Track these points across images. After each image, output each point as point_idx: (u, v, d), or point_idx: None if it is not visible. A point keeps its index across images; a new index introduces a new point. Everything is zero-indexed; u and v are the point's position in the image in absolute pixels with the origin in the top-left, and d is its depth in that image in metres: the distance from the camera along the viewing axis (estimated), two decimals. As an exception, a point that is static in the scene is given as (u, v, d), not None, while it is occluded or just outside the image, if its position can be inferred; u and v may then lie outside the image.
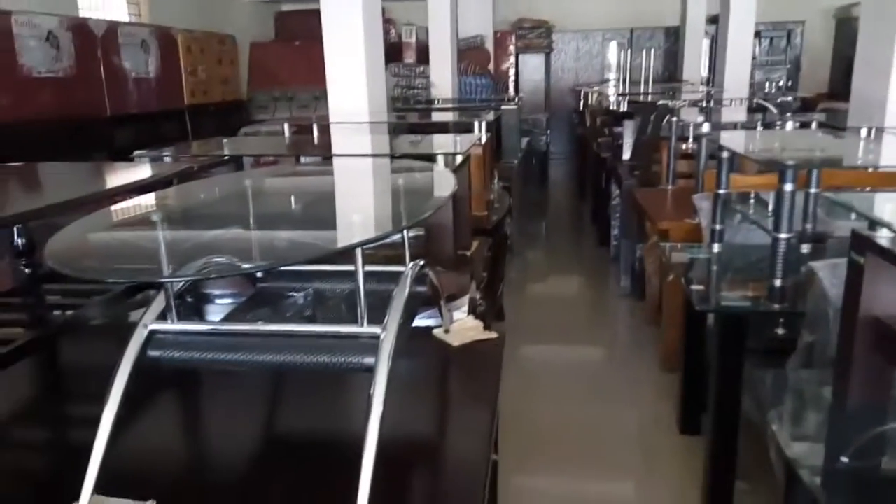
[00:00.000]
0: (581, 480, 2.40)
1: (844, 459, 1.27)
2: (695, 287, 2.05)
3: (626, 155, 4.49)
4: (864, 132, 2.52)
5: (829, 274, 1.48)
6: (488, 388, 1.33)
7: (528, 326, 3.76)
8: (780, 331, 1.94)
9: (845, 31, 8.55)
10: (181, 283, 1.12)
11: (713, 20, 7.40)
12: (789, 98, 4.75)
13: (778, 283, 1.90)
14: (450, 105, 5.17)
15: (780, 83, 8.25)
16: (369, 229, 1.15)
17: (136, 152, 2.31)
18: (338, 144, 2.62)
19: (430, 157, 1.94)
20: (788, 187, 1.85)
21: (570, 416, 2.82)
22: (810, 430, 1.45)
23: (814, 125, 3.25)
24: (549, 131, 8.64)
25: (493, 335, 1.53)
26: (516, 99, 6.42)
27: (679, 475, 2.33)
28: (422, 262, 1.31)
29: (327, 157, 2.36)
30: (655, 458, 2.50)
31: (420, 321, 1.57)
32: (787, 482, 1.46)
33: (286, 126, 2.81)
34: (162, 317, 1.09)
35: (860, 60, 3.00)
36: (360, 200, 1.50)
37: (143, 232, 1.25)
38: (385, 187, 1.65)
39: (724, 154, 2.29)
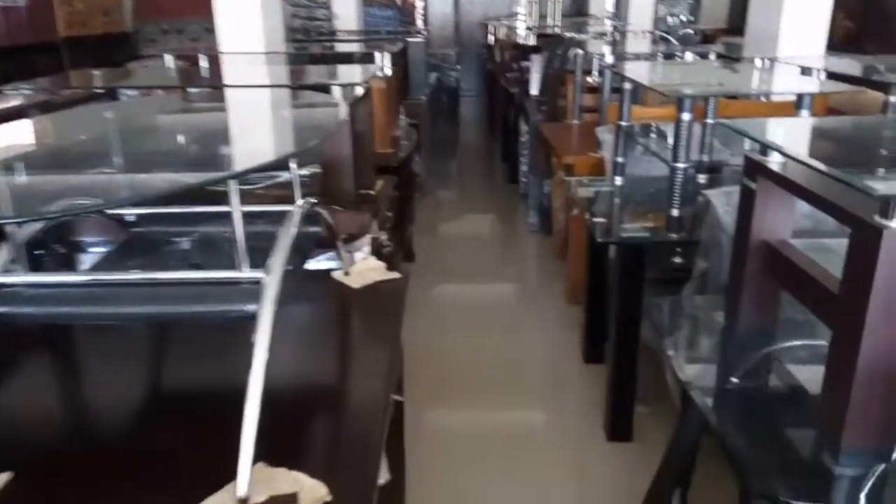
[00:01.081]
0: (490, 410, 2.44)
1: (734, 380, 1.32)
2: (597, 220, 2.06)
3: (534, 90, 4.45)
4: (757, 63, 2.58)
5: (723, 201, 1.51)
6: (390, 329, 1.28)
7: (439, 265, 3.74)
8: (678, 259, 1.99)
9: (744, -34, 8.74)
10: (29, 229, 0.99)
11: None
12: (690, 31, 4.82)
13: (676, 212, 1.93)
14: (353, 37, 4.93)
15: (683, 17, 8.39)
16: (243, 161, 1.05)
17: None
18: (226, 76, 2.42)
19: (325, 89, 1.82)
20: (685, 117, 1.86)
21: (480, 350, 2.84)
22: (703, 353, 1.50)
23: (711, 56, 3.31)
24: (459, 67, 8.47)
25: (396, 275, 1.47)
26: (424, 32, 6.22)
27: (583, 401, 2.41)
28: (313, 201, 1.23)
29: (214, 87, 2.17)
30: (561, 386, 2.57)
31: (320, 263, 1.49)
32: (682, 404, 1.52)
33: (168, 57, 2.57)
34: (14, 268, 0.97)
35: (755, -7, 3.08)
36: (239, 133, 1.38)
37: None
38: (269, 119, 1.53)
39: (626, 85, 2.29)
